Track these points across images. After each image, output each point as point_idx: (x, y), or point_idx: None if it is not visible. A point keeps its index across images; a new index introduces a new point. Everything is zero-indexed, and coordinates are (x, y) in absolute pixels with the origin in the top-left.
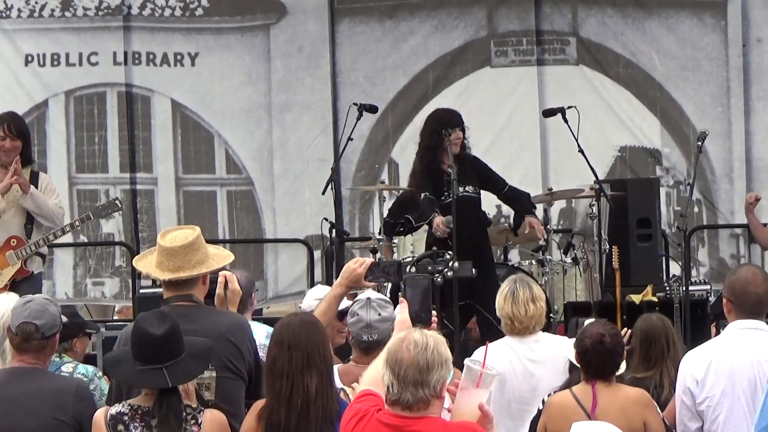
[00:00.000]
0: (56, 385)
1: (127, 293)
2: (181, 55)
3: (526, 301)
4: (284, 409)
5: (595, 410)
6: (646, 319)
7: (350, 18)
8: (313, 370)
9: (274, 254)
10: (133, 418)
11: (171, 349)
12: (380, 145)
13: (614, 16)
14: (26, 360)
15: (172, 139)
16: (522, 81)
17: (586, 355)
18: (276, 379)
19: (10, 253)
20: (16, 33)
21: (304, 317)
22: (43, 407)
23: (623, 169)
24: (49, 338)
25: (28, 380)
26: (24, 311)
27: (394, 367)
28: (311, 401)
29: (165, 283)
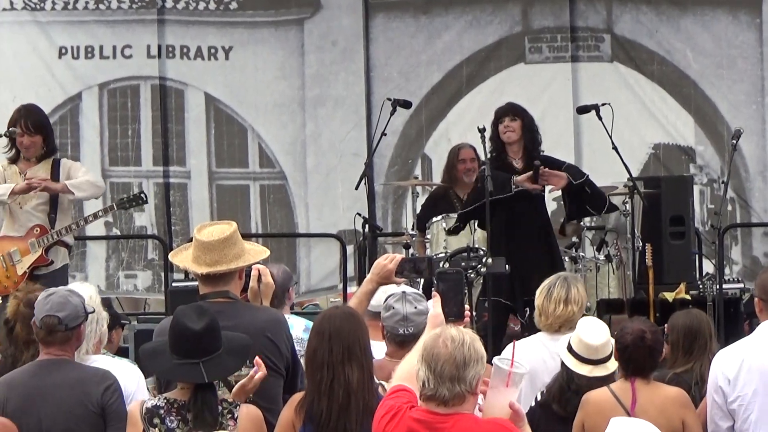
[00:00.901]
0: (82, 375)
1: (159, 286)
2: (215, 49)
3: (558, 301)
4: (325, 400)
5: (634, 408)
6: (687, 314)
7: (384, 13)
8: (354, 362)
9: (306, 249)
10: (169, 411)
11: (209, 344)
12: (413, 140)
13: (649, 14)
14: (53, 352)
15: (205, 133)
16: (556, 78)
17: (627, 351)
18: (316, 370)
19: (32, 241)
20: (50, 25)
21: (346, 309)
22: (69, 397)
23: (657, 166)
24: (73, 329)
25: (55, 371)
26: (46, 304)
27: (430, 363)
28: (352, 393)
29: (201, 278)
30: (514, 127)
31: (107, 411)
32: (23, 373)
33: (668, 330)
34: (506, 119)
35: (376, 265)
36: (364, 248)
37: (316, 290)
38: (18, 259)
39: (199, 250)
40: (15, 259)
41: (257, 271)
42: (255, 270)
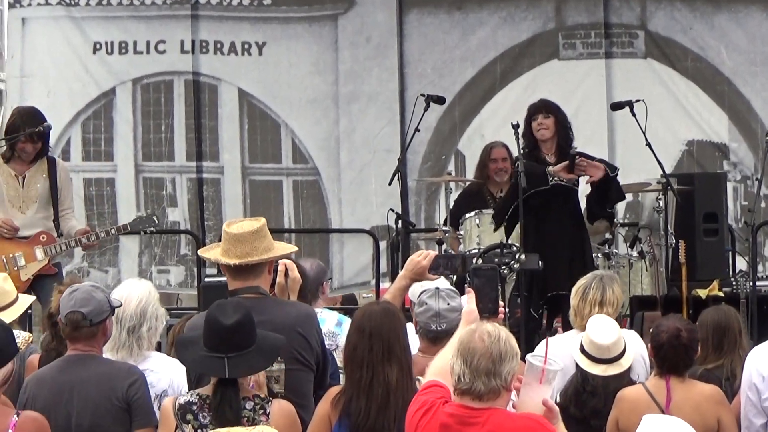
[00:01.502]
0: (108, 370)
1: (192, 281)
2: (248, 44)
3: (593, 303)
4: (364, 398)
5: (669, 406)
6: (717, 310)
7: (418, 9)
8: (393, 360)
9: (339, 245)
10: (202, 407)
11: (239, 340)
12: (447, 136)
13: (683, 10)
14: (79, 348)
15: (238, 128)
16: (590, 74)
17: (662, 349)
18: (356, 368)
19: (39, 248)
20: (84, 21)
21: (386, 306)
22: (96, 392)
23: (690, 163)
24: (98, 324)
25: (81, 367)
26: (70, 300)
27: (466, 357)
28: (391, 391)
29: (232, 272)
30: (547, 124)
31: (132, 405)
32: (51, 370)
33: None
34: (539, 116)
35: (409, 262)
36: (397, 244)
37: (348, 286)
38: (22, 265)
39: (229, 243)
40: (19, 264)
41: (284, 266)
42: (282, 265)
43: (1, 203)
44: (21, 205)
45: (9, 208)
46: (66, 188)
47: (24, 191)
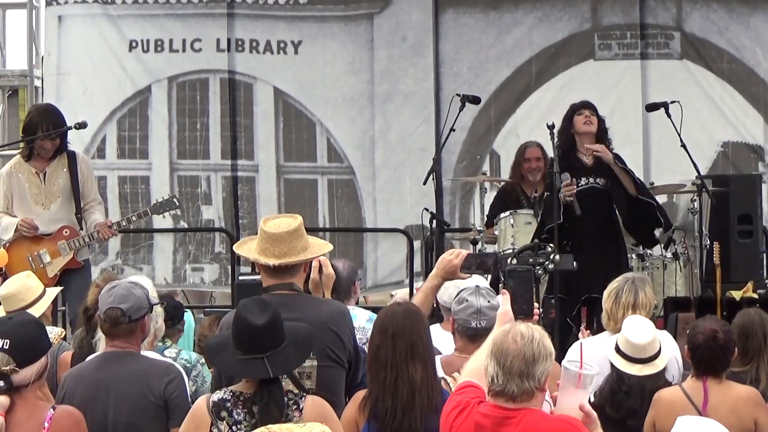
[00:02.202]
0: (145, 368)
1: (226, 279)
2: (284, 43)
3: (626, 306)
4: (390, 398)
5: (706, 407)
6: (743, 314)
7: (454, 9)
8: (417, 359)
9: (373, 243)
10: (236, 404)
11: (272, 338)
12: (482, 136)
13: (719, 11)
14: (117, 344)
15: (273, 127)
16: (625, 75)
17: (699, 350)
18: (380, 369)
19: (63, 243)
20: (121, 19)
21: (408, 306)
22: (133, 389)
23: (725, 164)
24: (137, 321)
25: (119, 364)
26: (109, 297)
27: (499, 358)
28: (416, 390)
29: (267, 270)
30: (593, 120)
31: (170, 404)
32: (89, 366)
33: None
34: (586, 111)
35: (441, 261)
36: (431, 244)
37: (382, 285)
38: (48, 261)
39: (267, 242)
40: (45, 260)
41: (318, 262)
42: (316, 261)
43: (24, 201)
44: (44, 201)
45: (33, 205)
46: (89, 181)
47: (46, 187)
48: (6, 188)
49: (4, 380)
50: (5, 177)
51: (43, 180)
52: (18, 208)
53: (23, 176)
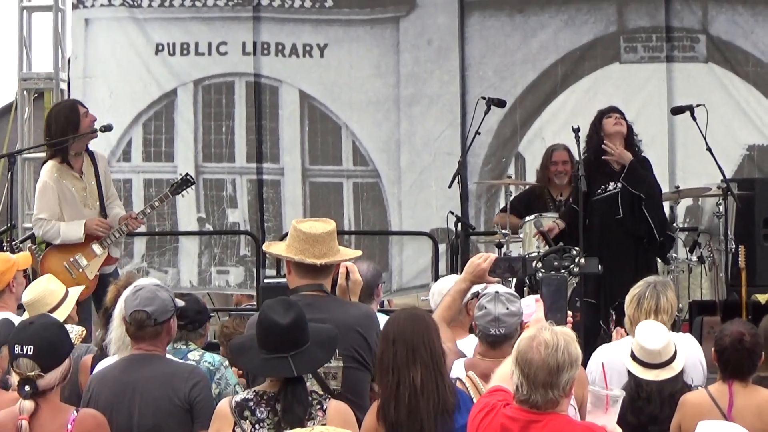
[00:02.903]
0: (171, 371)
1: (251, 282)
2: (309, 47)
3: (648, 312)
4: (393, 402)
5: (731, 411)
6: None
7: (480, 12)
8: (418, 363)
9: (399, 247)
10: (259, 403)
11: (296, 338)
12: (508, 139)
13: (744, 14)
14: (143, 347)
15: (299, 130)
16: (651, 78)
17: (725, 353)
18: (384, 374)
19: (95, 243)
20: (147, 22)
21: (412, 312)
22: (158, 391)
23: (751, 168)
24: (162, 324)
25: (145, 366)
26: (135, 300)
27: (523, 368)
28: (417, 393)
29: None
30: (622, 122)
31: (195, 407)
32: (114, 368)
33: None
34: (615, 114)
35: (470, 264)
36: (457, 247)
37: (407, 288)
38: (85, 264)
39: (306, 243)
40: (82, 264)
41: (345, 268)
42: (343, 267)
43: (74, 206)
44: (90, 202)
45: (82, 208)
46: (108, 177)
47: (88, 188)
48: (56, 197)
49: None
50: (54, 185)
51: (83, 181)
52: (69, 215)
53: (68, 182)
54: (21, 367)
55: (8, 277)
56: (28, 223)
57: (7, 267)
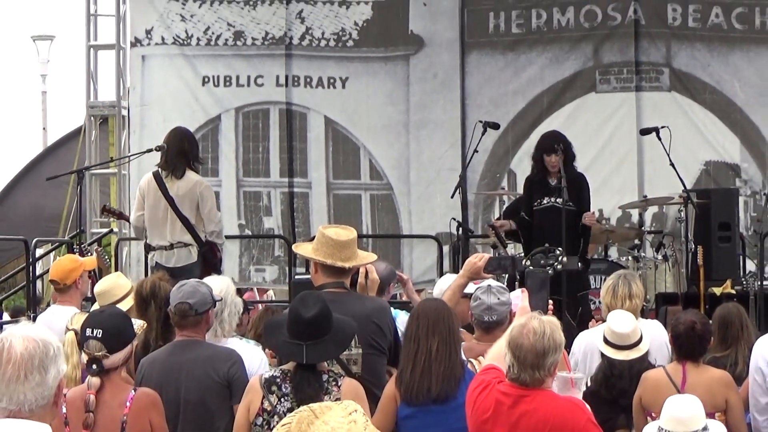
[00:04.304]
0: (211, 353)
1: (284, 279)
2: (333, 79)
3: (623, 297)
4: (410, 366)
5: (684, 386)
6: (723, 307)
7: (478, 50)
8: (437, 335)
9: (409, 248)
10: (284, 380)
11: (316, 330)
12: (501, 157)
13: (702, 50)
14: (186, 334)
15: (324, 150)
16: (622, 105)
17: (680, 338)
18: (406, 344)
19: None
20: (195, 58)
21: (435, 299)
22: (200, 371)
23: (707, 180)
24: (202, 314)
25: (188, 350)
26: (179, 293)
27: (515, 351)
28: (432, 359)
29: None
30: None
31: (232, 383)
32: (162, 353)
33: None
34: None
35: (467, 263)
36: (458, 248)
37: (416, 283)
38: None
39: (333, 248)
40: None
41: (365, 269)
42: (363, 268)
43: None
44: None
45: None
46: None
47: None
48: None
49: (97, 364)
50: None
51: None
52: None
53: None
54: (90, 347)
55: (75, 275)
56: (95, 229)
57: (75, 266)
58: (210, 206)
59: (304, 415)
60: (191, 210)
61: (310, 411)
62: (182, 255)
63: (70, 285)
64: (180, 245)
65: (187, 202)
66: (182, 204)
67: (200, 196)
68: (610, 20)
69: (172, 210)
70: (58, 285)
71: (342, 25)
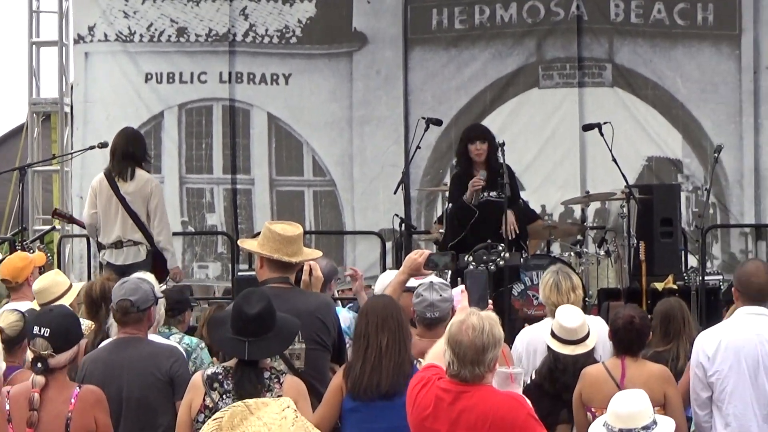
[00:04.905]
0: (152, 350)
1: (227, 275)
2: (276, 76)
3: (568, 291)
4: (360, 361)
5: (623, 381)
6: (665, 302)
7: (421, 46)
8: (386, 331)
9: (352, 245)
10: (226, 377)
11: (259, 327)
12: (444, 153)
13: (644, 46)
14: (128, 331)
15: (267, 146)
16: (565, 100)
17: (619, 333)
18: (356, 340)
19: None
20: (138, 55)
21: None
22: (143, 369)
23: (650, 176)
24: (144, 311)
25: (130, 347)
26: (121, 290)
27: (454, 348)
28: (383, 354)
29: (275, 266)
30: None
31: (175, 380)
32: (103, 350)
33: (653, 316)
34: (478, 141)
35: (408, 259)
36: (401, 244)
37: None
38: None
39: (279, 243)
40: None
41: (309, 266)
42: (307, 265)
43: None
44: None
45: None
46: None
47: None
48: None
49: (42, 363)
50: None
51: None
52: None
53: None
54: (36, 346)
55: (27, 273)
56: (38, 226)
57: (26, 264)
58: (157, 203)
59: (238, 410)
60: (142, 208)
61: (244, 406)
62: (131, 253)
63: (22, 282)
64: (130, 243)
65: (139, 200)
66: (133, 202)
67: (150, 193)
68: (553, 16)
69: (123, 208)
70: (10, 283)
71: (286, 22)
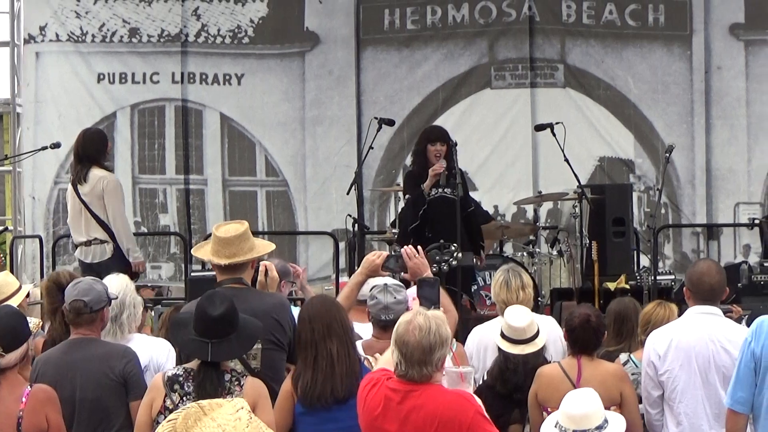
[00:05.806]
0: (106, 351)
1: (180, 276)
2: (229, 76)
3: (517, 289)
4: (310, 371)
5: (579, 381)
6: (619, 302)
7: (373, 47)
8: (333, 336)
9: (305, 245)
10: (187, 378)
11: (221, 328)
12: (396, 153)
13: (596, 46)
14: (81, 332)
15: (220, 147)
16: (517, 101)
17: (574, 332)
18: (302, 349)
19: None
20: (90, 55)
21: (322, 297)
22: (96, 370)
23: (602, 176)
24: (97, 312)
25: (83, 348)
26: (74, 291)
27: (401, 349)
28: (335, 362)
29: (220, 268)
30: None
31: (128, 381)
32: (57, 351)
33: (606, 315)
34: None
35: (365, 260)
36: (354, 244)
37: (312, 280)
38: None
39: (218, 245)
40: None
41: (264, 266)
42: (262, 266)
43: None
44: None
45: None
46: None
47: None
48: None
49: None
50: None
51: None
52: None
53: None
54: None
55: None
56: None
57: None
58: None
59: (192, 411)
60: (100, 207)
61: (198, 407)
62: (98, 251)
63: None
64: (96, 242)
65: (95, 200)
66: (92, 203)
67: (102, 191)
68: (504, 16)
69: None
70: None
71: (238, 22)
